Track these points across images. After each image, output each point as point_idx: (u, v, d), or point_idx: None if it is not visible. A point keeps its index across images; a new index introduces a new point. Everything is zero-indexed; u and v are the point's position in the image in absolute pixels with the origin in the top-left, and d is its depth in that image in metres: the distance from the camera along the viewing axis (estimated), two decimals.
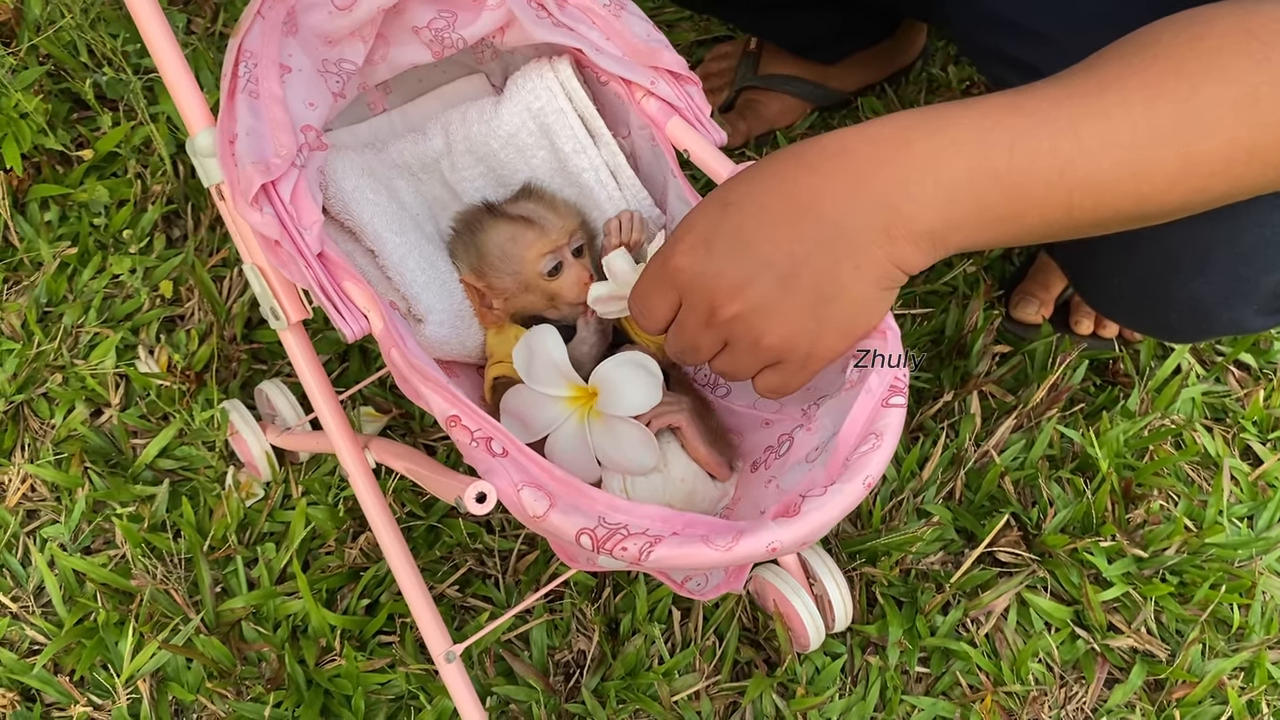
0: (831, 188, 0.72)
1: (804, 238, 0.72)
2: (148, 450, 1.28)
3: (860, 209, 0.71)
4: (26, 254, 1.40)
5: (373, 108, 1.06)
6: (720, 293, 0.74)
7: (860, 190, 0.72)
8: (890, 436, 0.77)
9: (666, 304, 0.78)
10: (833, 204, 0.72)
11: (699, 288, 0.75)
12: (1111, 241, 0.95)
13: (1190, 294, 0.96)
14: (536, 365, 0.91)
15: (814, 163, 0.73)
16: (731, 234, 0.74)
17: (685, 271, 0.75)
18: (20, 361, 1.33)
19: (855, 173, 0.72)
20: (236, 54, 0.87)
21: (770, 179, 0.74)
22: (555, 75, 1.00)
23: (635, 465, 0.91)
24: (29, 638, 1.18)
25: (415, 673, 1.16)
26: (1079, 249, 1.02)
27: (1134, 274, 0.98)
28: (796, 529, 0.73)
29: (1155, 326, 1.09)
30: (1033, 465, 1.33)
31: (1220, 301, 0.96)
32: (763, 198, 0.74)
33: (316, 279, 0.82)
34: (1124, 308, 1.07)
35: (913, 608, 1.24)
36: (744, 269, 0.73)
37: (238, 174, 0.82)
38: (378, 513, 1.00)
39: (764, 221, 0.73)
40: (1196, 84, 0.69)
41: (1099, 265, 1.01)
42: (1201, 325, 1.03)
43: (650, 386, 0.91)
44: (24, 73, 1.47)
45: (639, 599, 1.21)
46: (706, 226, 0.75)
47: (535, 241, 0.97)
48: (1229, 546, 1.28)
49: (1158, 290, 0.98)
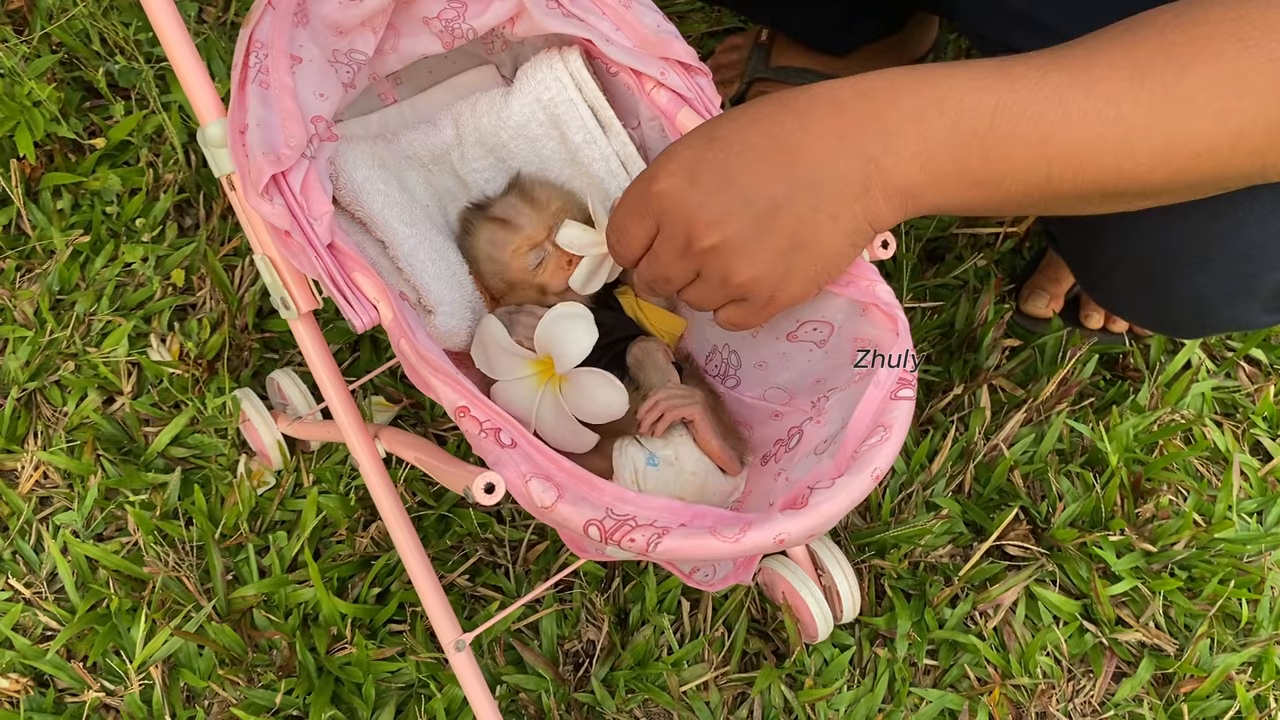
0: (818, 136, 0.73)
1: (786, 181, 0.73)
2: (160, 438, 1.29)
3: (843, 160, 0.72)
4: (39, 242, 1.41)
5: (383, 98, 1.06)
6: (699, 223, 0.74)
7: (845, 141, 0.72)
8: (899, 429, 0.77)
9: (644, 232, 0.78)
10: (818, 152, 0.73)
11: (678, 216, 0.75)
12: (1114, 235, 0.95)
13: (1192, 290, 0.96)
14: (492, 357, 0.92)
15: (804, 109, 0.74)
16: (716, 167, 0.74)
17: (667, 198, 0.75)
18: (33, 349, 1.33)
19: (842, 124, 0.73)
20: (247, 44, 0.87)
21: (760, 120, 0.75)
22: (565, 66, 1.00)
23: (608, 409, 0.91)
24: (42, 623, 1.19)
25: (425, 661, 1.17)
26: (1083, 242, 1.01)
27: (1136, 268, 0.97)
28: (804, 521, 0.73)
29: (1157, 321, 1.09)
30: (1042, 459, 1.33)
31: (1222, 298, 0.96)
32: (751, 137, 0.74)
33: (326, 269, 0.82)
34: (1126, 302, 1.07)
35: (921, 600, 1.24)
36: (724, 203, 0.73)
37: (248, 165, 0.82)
38: (388, 502, 1.00)
39: (749, 160, 0.73)
40: (1186, 65, 0.69)
41: (1102, 259, 1.01)
42: (1203, 321, 1.02)
43: (585, 327, 0.92)
44: (36, 61, 1.47)
45: (648, 589, 1.21)
46: (691, 157, 0.75)
47: (511, 241, 0.98)
48: (1238, 542, 1.28)
49: (1159, 285, 0.98)
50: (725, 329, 0.81)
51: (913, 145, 0.72)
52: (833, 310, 0.91)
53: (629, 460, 0.94)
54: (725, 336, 1.05)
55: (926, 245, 1.49)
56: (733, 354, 1.05)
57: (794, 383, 0.98)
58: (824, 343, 0.94)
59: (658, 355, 0.99)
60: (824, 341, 0.94)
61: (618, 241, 0.80)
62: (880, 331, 0.85)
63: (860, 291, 0.85)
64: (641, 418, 0.93)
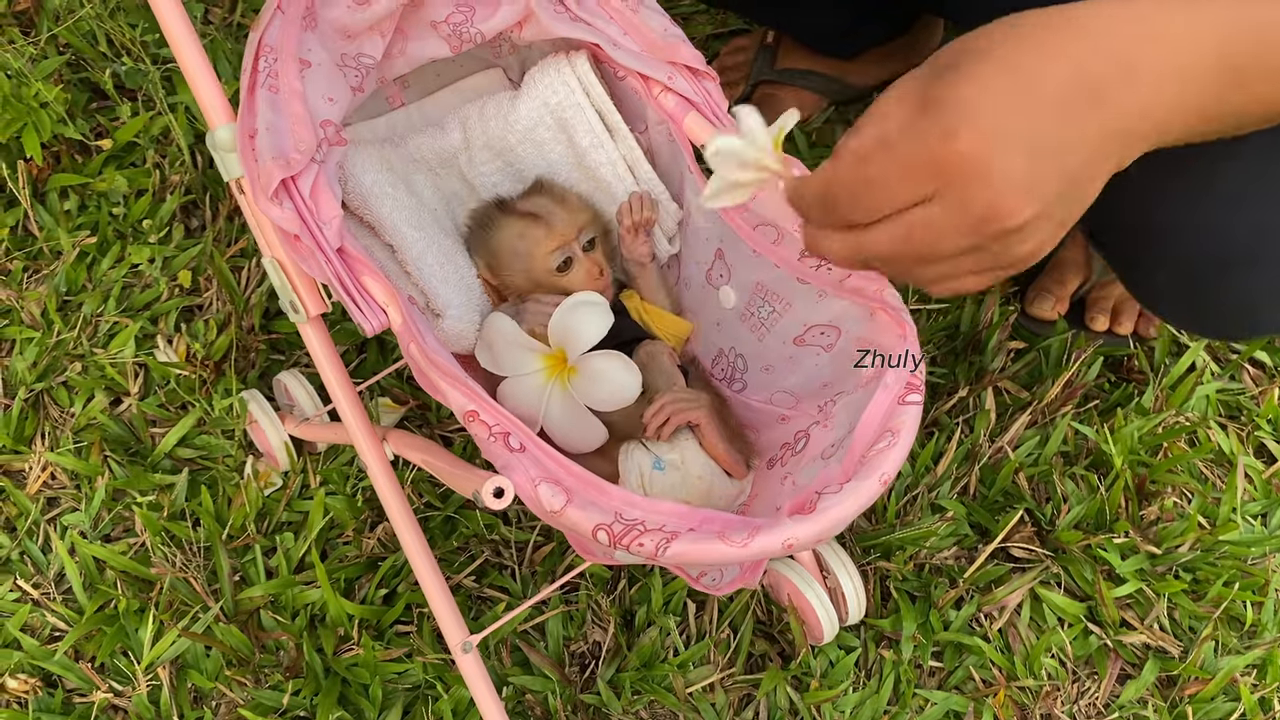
0: (1118, 74, 0.62)
1: (1094, 130, 0.62)
2: (167, 439, 1.29)
3: (1129, 110, 0.63)
4: (46, 243, 1.41)
5: (391, 102, 1.06)
6: (1012, 197, 0.61)
7: (1132, 89, 0.63)
8: (906, 434, 0.78)
9: (914, 193, 0.62)
10: (1115, 96, 0.62)
11: (985, 186, 0.60)
12: (1160, 234, 0.93)
13: (1239, 292, 0.94)
14: (499, 353, 0.93)
15: (1110, 27, 0.63)
16: (1025, 121, 0.61)
17: (972, 163, 0.60)
18: (40, 350, 1.34)
19: (1137, 62, 0.62)
20: (257, 48, 0.87)
21: (1060, 52, 0.62)
22: (573, 70, 1.00)
23: (623, 391, 0.92)
24: (50, 624, 1.19)
25: (432, 662, 1.17)
26: (1127, 241, 1.00)
27: (1182, 269, 0.95)
28: (812, 526, 0.73)
29: (1200, 323, 1.04)
30: (1047, 461, 1.33)
31: (1269, 300, 0.94)
32: (1057, 74, 0.62)
33: (336, 274, 0.82)
34: (1170, 303, 1.04)
35: (926, 602, 1.24)
36: (1038, 170, 0.61)
37: (258, 169, 0.83)
38: (395, 504, 1.01)
39: (1060, 107, 0.61)
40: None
41: (1147, 259, 0.99)
42: (1249, 324, 0.99)
43: (600, 312, 0.92)
44: (44, 62, 1.48)
45: (654, 591, 1.21)
46: (997, 108, 0.61)
47: (543, 238, 0.98)
48: (1242, 544, 1.28)
49: (1205, 287, 0.95)
50: (956, 295, 0.68)
51: (1173, 98, 0.63)
52: (840, 314, 0.91)
53: (635, 464, 0.95)
54: (732, 340, 1.05)
55: None
56: (739, 357, 1.05)
57: (801, 387, 0.98)
58: (831, 346, 0.94)
59: (663, 358, 1.00)
60: (831, 345, 0.94)
61: (860, 192, 0.64)
62: (887, 336, 0.85)
63: (867, 296, 0.86)
64: (647, 422, 0.94)
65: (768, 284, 0.98)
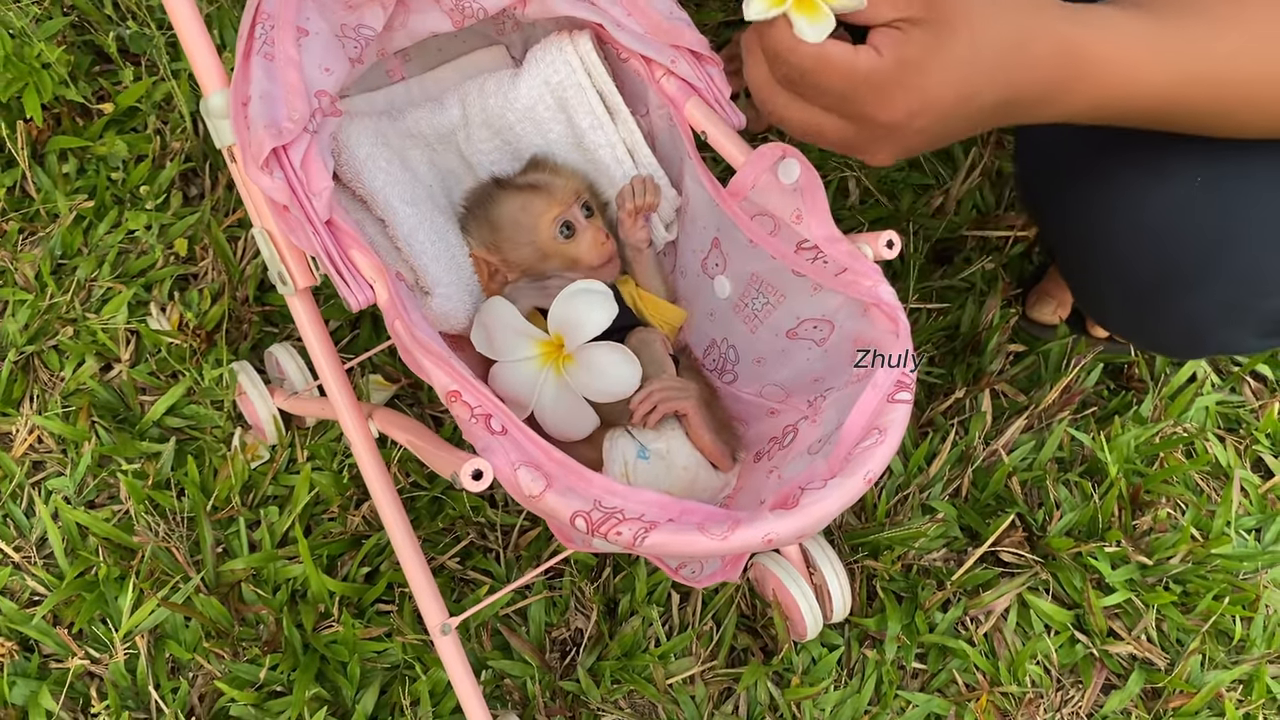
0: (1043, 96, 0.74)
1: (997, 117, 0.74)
2: (156, 407, 1.28)
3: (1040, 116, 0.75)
4: (43, 205, 1.40)
5: (391, 75, 1.05)
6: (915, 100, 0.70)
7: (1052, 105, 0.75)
8: (894, 432, 0.76)
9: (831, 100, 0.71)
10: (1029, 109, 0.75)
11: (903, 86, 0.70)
12: (1109, 253, 0.94)
13: (1184, 313, 0.95)
14: (496, 336, 0.92)
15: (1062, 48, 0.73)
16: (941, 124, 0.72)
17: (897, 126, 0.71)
18: (32, 313, 1.33)
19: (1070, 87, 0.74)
20: (254, 15, 0.86)
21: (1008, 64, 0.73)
22: (575, 50, 0.99)
23: (621, 384, 0.91)
24: (30, 588, 1.19)
25: (412, 643, 1.16)
26: (1079, 257, 1.00)
27: (1130, 288, 0.96)
28: (794, 521, 0.72)
29: (1149, 341, 1.08)
30: (1041, 466, 1.32)
31: (1214, 322, 0.95)
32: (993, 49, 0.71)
33: (324, 246, 0.81)
34: (1118, 320, 1.06)
35: (913, 603, 1.23)
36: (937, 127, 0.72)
37: (249, 137, 0.81)
38: (379, 482, 1.00)
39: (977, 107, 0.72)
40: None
41: (1097, 275, 1.00)
42: (1195, 344, 1.01)
43: (604, 302, 0.91)
44: (48, 23, 1.46)
45: (639, 580, 1.20)
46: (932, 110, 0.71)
47: (544, 208, 0.97)
48: (1235, 558, 1.27)
49: (1152, 306, 0.97)
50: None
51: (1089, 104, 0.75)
52: (834, 309, 0.90)
53: (620, 452, 0.93)
54: (724, 331, 1.04)
55: (935, 246, 1.47)
56: (731, 348, 1.04)
57: (792, 380, 0.97)
58: (824, 341, 0.93)
59: (656, 345, 0.99)
60: (824, 340, 0.93)
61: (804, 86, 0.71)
62: (881, 332, 0.84)
63: (862, 291, 0.85)
64: (634, 409, 0.93)
65: (763, 275, 0.97)
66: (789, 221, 0.89)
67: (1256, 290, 0.91)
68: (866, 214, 1.48)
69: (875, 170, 1.53)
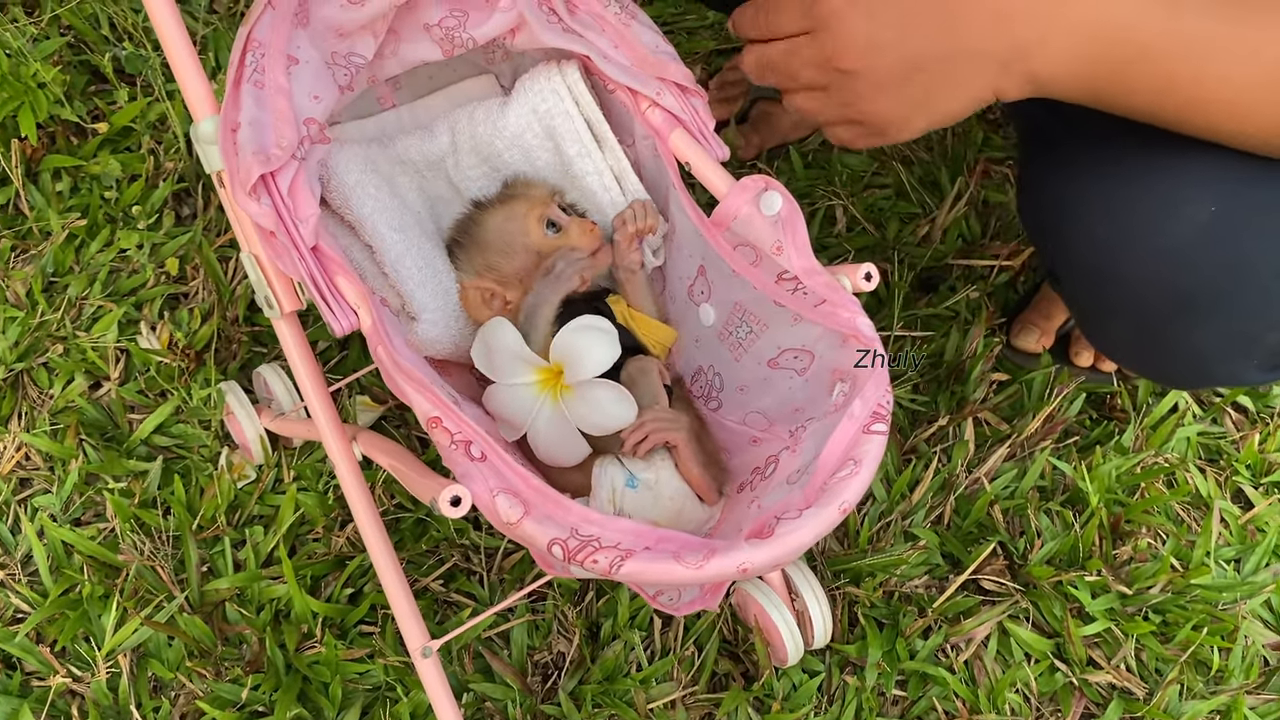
0: (981, 8, 0.78)
1: (940, 41, 0.78)
2: (144, 426, 1.29)
3: (994, 39, 0.78)
4: (36, 223, 1.41)
5: (382, 102, 1.06)
6: (852, 47, 0.78)
7: (1002, 23, 0.77)
8: (869, 463, 0.77)
9: (793, 23, 0.81)
10: (976, 24, 0.77)
11: (836, 33, 0.78)
12: (1116, 284, 0.95)
13: (1191, 345, 0.95)
14: (497, 359, 0.92)
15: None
16: (891, 7, 0.78)
17: (834, 14, 0.78)
18: (23, 330, 1.34)
19: (1007, 5, 0.77)
20: (245, 43, 0.87)
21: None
22: (563, 79, 1.00)
23: (615, 422, 0.92)
24: (13, 605, 1.19)
25: (394, 664, 1.17)
26: (1085, 289, 1.01)
27: (1136, 319, 0.97)
28: (768, 551, 0.73)
29: (1153, 372, 1.09)
30: (1023, 495, 1.33)
31: (1219, 354, 0.96)
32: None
33: (309, 272, 0.82)
34: (1124, 351, 1.07)
35: (894, 630, 1.24)
36: (882, 39, 0.78)
37: (238, 163, 0.83)
38: (362, 505, 1.00)
39: (916, 11, 0.78)
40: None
41: (1103, 307, 1.01)
42: (1199, 375, 1.02)
43: (609, 342, 0.92)
44: (45, 43, 1.48)
45: (621, 605, 1.21)
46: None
47: (527, 209, 1.00)
48: (1214, 589, 1.28)
49: (1158, 338, 0.97)
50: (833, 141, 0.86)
51: (1063, 50, 0.77)
52: (813, 339, 0.91)
53: (609, 479, 0.94)
54: (711, 358, 1.05)
55: (920, 274, 1.49)
56: (717, 375, 1.05)
57: (774, 409, 0.98)
58: (804, 371, 0.94)
59: (652, 375, 0.99)
60: (805, 370, 0.94)
61: (763, 12, 0.83)
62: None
63: (841, 323, 0.86)
64: (626, 438, 0.93)
65: (746, 304, 0.98)
66: (770, 253, 0.90)
67: (1267, 322, 0.92)
68: (853, 242, 1.49)
69: (863, 198, 1.54)
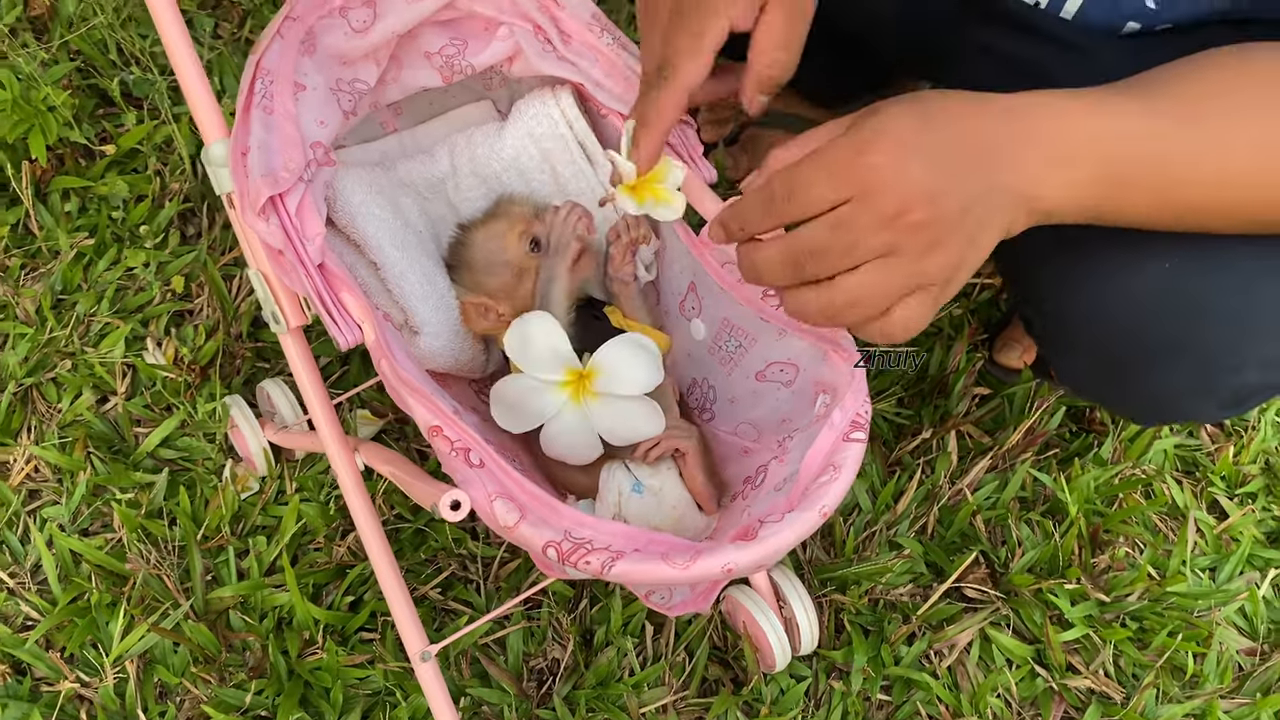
0: (1010, 141, 0.76)
1: (983, 177, 0.75)
2: (150, 439, 1.33)
3: (1026, 175, 0.76)
4: (45, 242, 1.45)
5: (384, 126, 1.10)
6: (916, 197, 0.72)
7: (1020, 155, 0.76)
8: (848, 469, 0.81)
9: (832, 195, 0.73)
10: (1008, 157, 0.75)
11: (896, 184, 0.72)
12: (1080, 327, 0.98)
13: (1152, 387, 0.98)
14: (533, 350, 0.93)
15: (1009, 110, 0.76)
16: (930, 150, 0.73)
17: (881, 170, 0.72)
18: (32, 346, 1.37)
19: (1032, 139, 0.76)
20: (254, 70, 0.91)
21: (967, 114, 0.76)
22: (558, 104, 1.05)
23: (639, 435, 0.94)
24: (23, 613, 1.23)
25: (393, 670, 1.20)
26: (1051, 328, 1.04)
27: (1099, 360, 0.99)
28: (752, 552, 0.76)
29: (1114, 408, 1.12)
30: (1004, 506, 1.37)
31: (1178, 396, 0.98)
32: (959, 126, 0.75)
33: (315, 288, 0.86)
34: (1088, 389, 1.10)
35: (879, 636, 1.27)
36: (940, 183, 0.73)
37: (248, 185, 0.87)
38: (363, 513, 1.04)
39: (959, 150, 0.74)
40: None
41: (1067, 347, 1.03)
42: (1160, 414, 1.05)
43: (653, 366, 0.93)
44: (54, 67, 1.52)
45: (614, 612, 1.25)
46: (906, 136, 0.73)
47: (507, 228, 1.03)
48: (1190, 596, 1.32)
49: (1120, 379, 1.00)
50: (892, 336, 0.78)
51: (1062, 181, 0.76)
52: (798, 353, 0.95)
53: (616, 483, 0.98)
54: (704, 372, 1.09)
55: None
56: (711, 388, 1.09)
57: (763, 420, 1.02)
58: (791, 383, 0.98)
59: (666, 389, 1.03)
60: (791, 382, 0.98)
61: (789, 195, 0.75)
62: (838, 375, 0.89)
63: (821, 337, 0.90)
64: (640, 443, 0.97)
65: (734, 320, 1.02)
66: None
67: (1223, 368, 0.94)
68: None
69: None
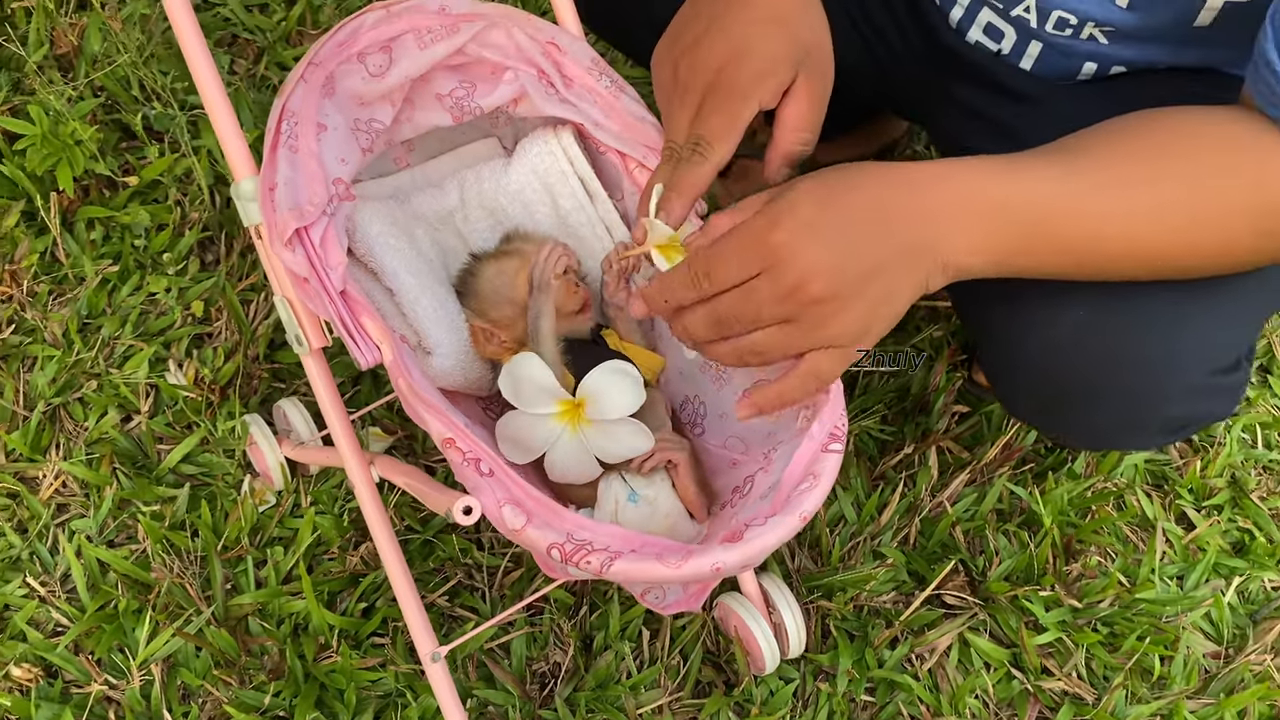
0: (910, 211, 0.82)
1: (888, 246, 0.81)
2: (172, 455, 1.40)
3: (925, 234, 0.82)
4: (72, 269, 1.53)
5: (397, 162, 1.18)
6: (814, 273, 0.78)
7: (925, 223, 0.82)
8: (827, 478, 0.88)
9: (743, 270, 0.81)
10: (910, 224, 0.82)
11: (794, 264, 0.79)
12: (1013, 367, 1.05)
13: (1085, 421, 1.05)
14: (523, 389, 1.00)
15: (912, 181, 0.83)
16: (833, 224, 0.80)
17: (786, 247, 0.79)
18: (60, 367, 1.45)
19: (924, 205, 0.83)
20: (280, 113, 0.99)
21: (866, 187, 0.83)
22: (559, 142, 1.12)
23: (632, 452, 1.01)
24: (54, 619, 1.29)
25: (404, 672, 1.27)
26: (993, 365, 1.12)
27: (1034, 399, 1.06)
28: (738, 553, 0.84)
29: (1060, 440, 1.20)
30: (982, 517, 1.44)
31: (1114, 430, 1.06)
32: (861, 201, 0.82)
33: (338, 313, 0.93)
34: (1031, 421, 1.18)
35: (863, 641, 1.34)
36: (839, 258, 0.79)
37: (275, 218, 0.94)
38: (378, 523, 1.11)
39: (863, 221, 0.81)
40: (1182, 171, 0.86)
41: (1007, 381, 1.10)
42: (1100, 444, 1.13)
43: (634, 389, 1.00)
44: (81, 103, 1.60)
45: (613, 618, 1.32)
46: (811, 214, 0.80)
47: (517, 268, 1.08)
48: (1158, 603, 1.39)
49: (1055, 414, 1.07)
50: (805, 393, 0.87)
51: (972, 242, 0.83)
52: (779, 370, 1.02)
53: (613, 493, 1.04)
54: (696, 388, 1.16)
55: None
56: (702, 404, 1.16)
57: (750, 433, 1.09)
58: None
59: (659, 406, 1.10)
60: None
61: (706, 272, 0.83)
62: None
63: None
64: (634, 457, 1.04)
65: None
66: None
67: (1153, 403, 1.00)
68: None
69: None
